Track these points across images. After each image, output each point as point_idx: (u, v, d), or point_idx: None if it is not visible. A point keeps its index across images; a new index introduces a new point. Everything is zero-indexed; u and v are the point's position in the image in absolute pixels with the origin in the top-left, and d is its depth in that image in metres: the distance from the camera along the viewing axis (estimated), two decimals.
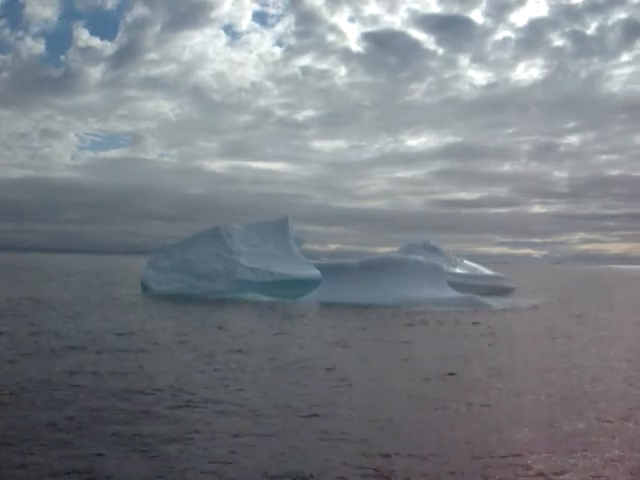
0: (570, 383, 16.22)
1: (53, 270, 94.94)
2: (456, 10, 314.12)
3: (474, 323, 30.31)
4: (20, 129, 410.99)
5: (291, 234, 51.97)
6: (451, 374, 16.89)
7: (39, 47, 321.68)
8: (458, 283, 46.92)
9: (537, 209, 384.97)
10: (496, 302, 42.32)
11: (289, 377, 16.27)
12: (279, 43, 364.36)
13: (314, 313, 34.28)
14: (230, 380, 15.56)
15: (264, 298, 42.24)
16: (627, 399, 14.54)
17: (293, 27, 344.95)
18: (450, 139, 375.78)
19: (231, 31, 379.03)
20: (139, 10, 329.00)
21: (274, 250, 49.79)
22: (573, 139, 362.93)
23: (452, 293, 42.35)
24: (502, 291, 54.26)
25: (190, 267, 48.07)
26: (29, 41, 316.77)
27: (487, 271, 57.48)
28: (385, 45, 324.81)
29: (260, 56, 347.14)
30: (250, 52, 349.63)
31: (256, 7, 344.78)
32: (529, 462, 9.88)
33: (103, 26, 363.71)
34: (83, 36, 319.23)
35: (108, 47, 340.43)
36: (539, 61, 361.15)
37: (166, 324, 27.41)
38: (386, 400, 14.04)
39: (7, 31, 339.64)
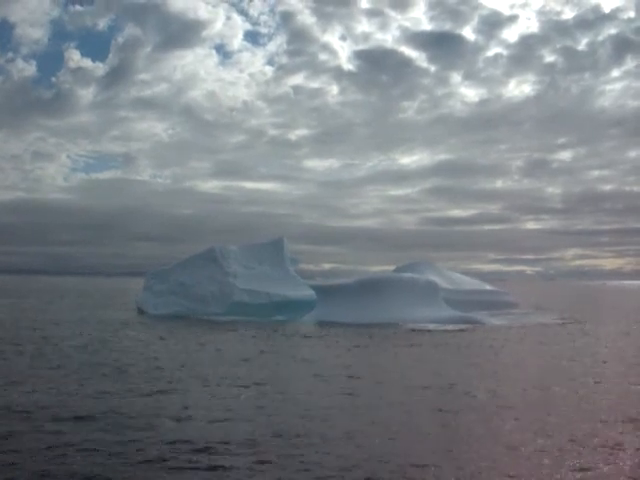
0: None
1: (45, 293, 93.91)
2: (447, 27, 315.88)
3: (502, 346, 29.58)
4: (12, 151, 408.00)
5: (287, 255, 51.37)
6: None
7: (30, 69, 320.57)
8: (459, 300, 46.30)
9: (530, 225, 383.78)
10: (507, 320, 41.95)
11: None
12: (271, 62, 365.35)
13: (314, 336, 33.53)
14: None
15: (262, 320, 41.53)
16: None
17: (284, 46, 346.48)
18: (442, 156, 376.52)
19: (222, 50, 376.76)
20: (130, 30, 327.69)
21: (270, 271, 49.14)
22: (565, 155, 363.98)
23: (450, 312, 41.80)
24: (507, 309, 53.42)
25: (186, 290, 47.40)
26: (20, 63, 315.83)
27: (489, 287, 56.33)
28: (377, 63, 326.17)
29: (252, 75, 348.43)
30: (242, 71, 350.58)
31: (247, 26, 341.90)
32: None
33: (94, 47, 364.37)
34: (74, 57, 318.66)
35: (99, 68, 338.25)
36: (531, 77, 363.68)
37: (171, 352, 26.69)
38: None
39: None
